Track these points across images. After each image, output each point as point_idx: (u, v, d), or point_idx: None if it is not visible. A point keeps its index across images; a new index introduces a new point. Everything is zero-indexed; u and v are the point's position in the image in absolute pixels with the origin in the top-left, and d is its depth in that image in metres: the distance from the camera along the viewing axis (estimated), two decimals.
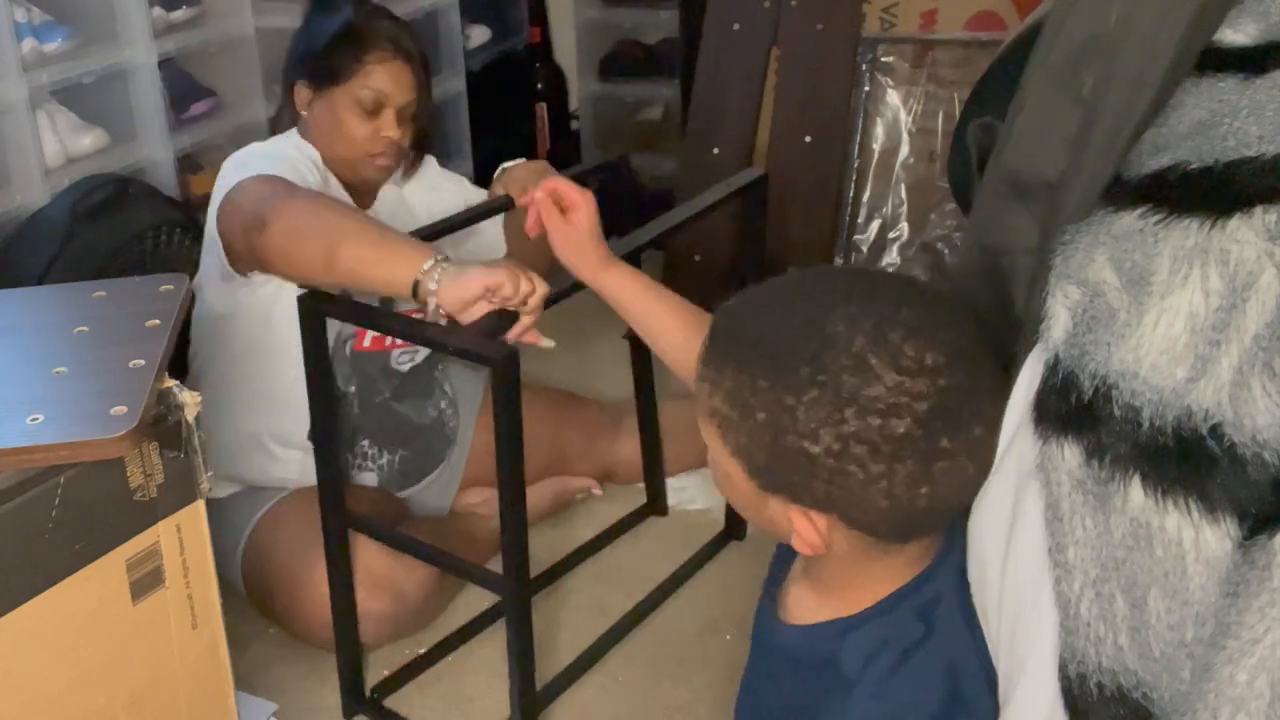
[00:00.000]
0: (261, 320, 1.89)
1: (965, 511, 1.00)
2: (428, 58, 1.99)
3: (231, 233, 1.74)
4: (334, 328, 1.90)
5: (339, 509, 1.68)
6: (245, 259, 1.76)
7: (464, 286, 1.47)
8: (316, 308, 1.58)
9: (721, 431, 0.98)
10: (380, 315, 1.69)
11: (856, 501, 0.93)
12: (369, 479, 2.04)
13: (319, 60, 1.91)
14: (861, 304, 0.94)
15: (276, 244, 1.62)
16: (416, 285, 1.49)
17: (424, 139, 2.03)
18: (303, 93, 1.93)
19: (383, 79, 1.89)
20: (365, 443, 2.03)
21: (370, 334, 2.00)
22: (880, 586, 1.02)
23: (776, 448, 0.94)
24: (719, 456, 1.00)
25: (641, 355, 2.12)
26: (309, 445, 1.97)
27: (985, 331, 0.97)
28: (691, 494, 2.28)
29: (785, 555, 1.15)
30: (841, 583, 1.04)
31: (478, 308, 1.48)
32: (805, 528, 0.97)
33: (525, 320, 1.50)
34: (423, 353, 2.07)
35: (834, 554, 1.01)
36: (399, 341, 2.01)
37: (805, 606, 1.08)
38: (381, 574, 1.82)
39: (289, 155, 1.86)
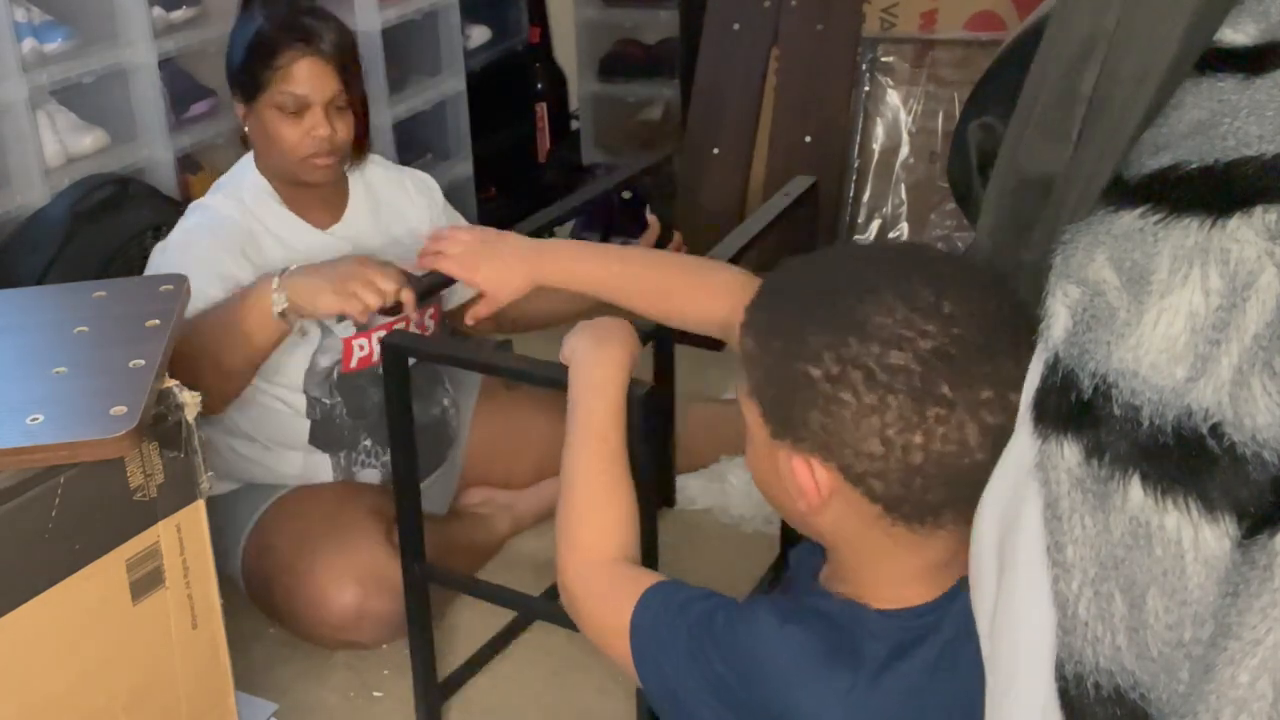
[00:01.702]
0: None
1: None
2: (353, 46, 1.92)
3: None
4: (307, 358, 1.91)
5: (419, 558, 1.66)
6: None
7: (316, 304, 1.64)
8: (400, 350, 1.55)
9: (746, 374, 1.01)
10: (477, 352, 1.63)
11: (851, 441, 0.93)
12: (371, 476, 2.03)
13: (238, 74, 1.89)
14: (901, 258, 0.99)
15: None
16: (283, 314, 1.65)
17: (364, 130, 1.96)
18: (239, 108, 1.92)
19: (299, 80, 1.84)
20: (368, 442, 2.02)
21: (356, 355, 1.95)
22: (905, 587, 1.00)
23: (784, 375, 0.96)
24: (744, 405, 1.02)
25: (663, 351, 2.11)
26: (309, 446, 1.98)
27: (1027, 317, 0.97)
28: (693, 494, 2.28)
29: (805, 562, 1.13)
30: (857, 584, 1.02)
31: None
32: (805, 476, 0.96)
33: (408, 313, 1.58)
34: None
35: (843, 537, 1.00)
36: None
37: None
38: (384, 575, 1.81)
39: (204, 242, 1.83)
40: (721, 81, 2.84)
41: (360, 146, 1.97)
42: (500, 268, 1.43)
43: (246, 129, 1.92)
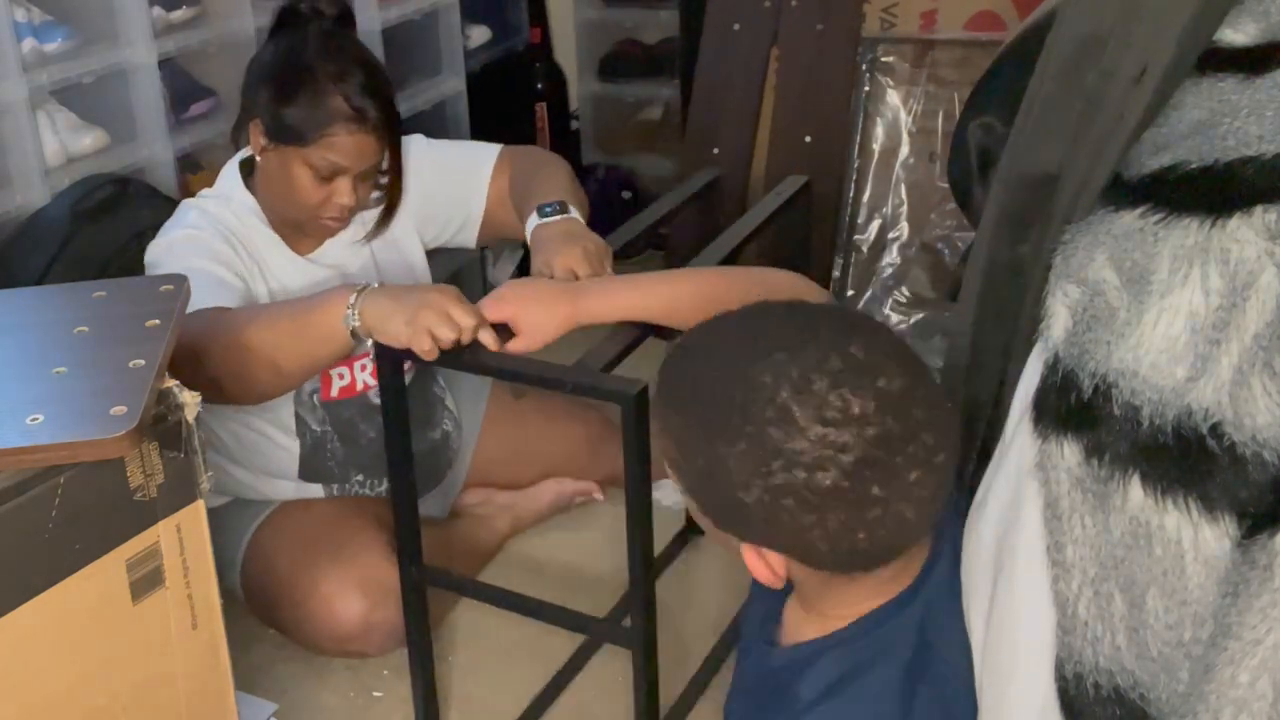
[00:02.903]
0: None
1: (964, 510, 1.00)
2: (395, 112, 1.82)
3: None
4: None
5: (416, 561, 1.65)
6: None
7: (385, 329, 1.50)
8: (396, 352, 1.52)
9: (674, 471, 1.01)
10: (475, 354, 1.52)
11: (797, 545, 0.95)
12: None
13: (277, 115, 1.76)
14: (791, 351, 0.94)
15: (222, 375, 1.58)
16: (354, 331, 1.52)
17: (393, 199, 1.89)
18: (257, 135, 1.79)
19: (343, 151, 1.74)
20: (360, 476, 2.00)
21: (337, 384, 1.92)
22: (862, 603, 1.02)
23: (715, 493, 0.97)
24: (679, 487, 1.03)
25: None
26: (300, 480, 1.96)
27: (931, 373, 0.96)
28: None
29: (753, 617, 1.17)
30: (820, 599, 1.04)
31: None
32: (758, 564, 0.99)
33: (485, 340, 1.46)
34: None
35: (800, 581, 1.02)
36: (369, 382, 1.93)
37: (793, 623, 1.09)
38: (389, 585, 1.77)
39: (203, 240, 1.76)
40: (721, 81, 2.84)
41: (390, 212, 1.90)
42: (539, 310, 1.43)
43: (259, 158, 1.81)
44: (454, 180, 1.97)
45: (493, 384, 2.23)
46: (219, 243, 1.78)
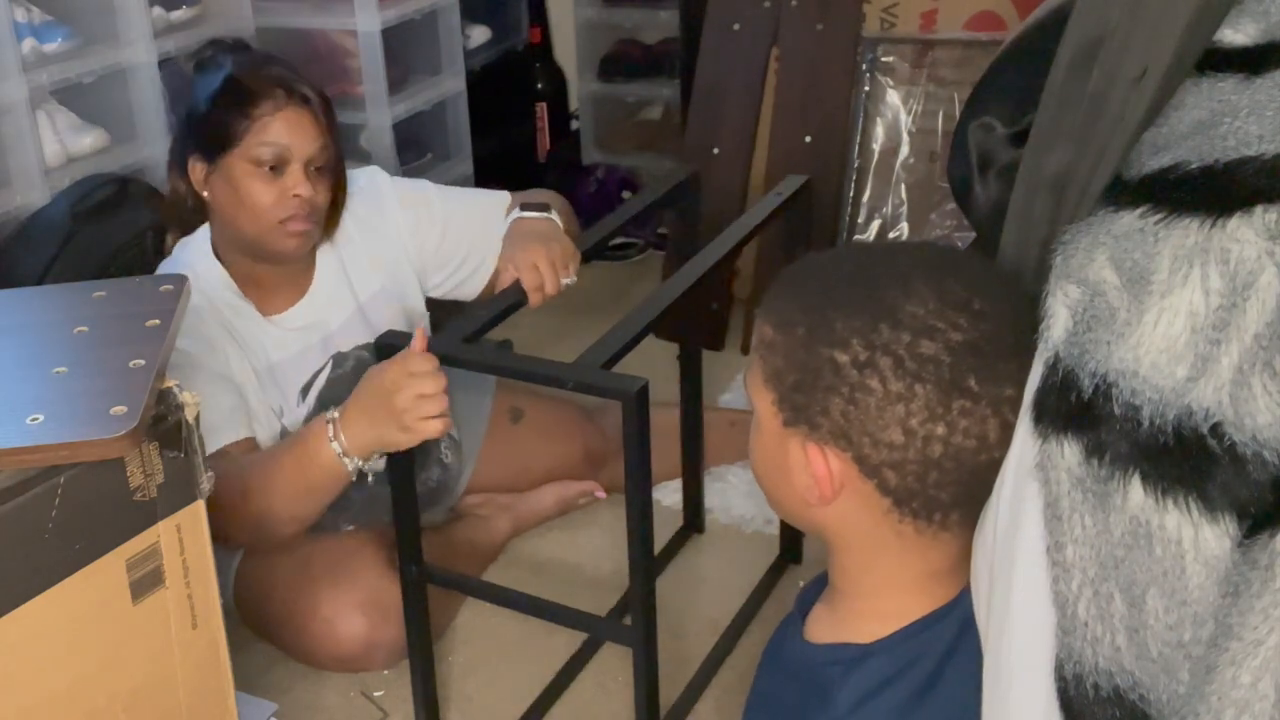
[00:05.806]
0: None
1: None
2: (328, 100, 1.77)
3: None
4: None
5: (416, 560, 1.64)
6: None
7: (393, 446, 1.53)
8: (395, 350, 1.52)
9: (762, 360, 0.99)
10: (476, 353, 1.53)
11: (872, 430, 0.92)
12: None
13: (205, 125, 1.71)
14: (928, 255, 1.00)
15: (250, 537, 1.71)
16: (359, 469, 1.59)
17: (339, 194, 1.82)
18: (198, 169, 1.74)
19: (280, 130, 1.68)
20: (350, 527, 1.95)
21: None
22: (897, 604, 0.99)
23: (806, 361, 0.94)
24: (754, 395, 1.00)
25: (691, 367, 2.10)
26: None
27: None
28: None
29: (817, 584, 1.12)
30: (857, 592, 1.01)
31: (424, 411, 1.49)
32: (819, 464, 0.95)
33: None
34: None
35: (847, 533, 0.99)
36: None
37: (821, 624, 1.06)
38: (390, 603, 1.76)
39: (201, 338, 1.72)
40: (721, 81, 2.84)
41: (333, 217, 1.82)
42: None
43: (208, 196, 1.75)
44: (476, 222, 1.95)
45: (492, 411, 2.22)
46: (212, 329, 1.76)
